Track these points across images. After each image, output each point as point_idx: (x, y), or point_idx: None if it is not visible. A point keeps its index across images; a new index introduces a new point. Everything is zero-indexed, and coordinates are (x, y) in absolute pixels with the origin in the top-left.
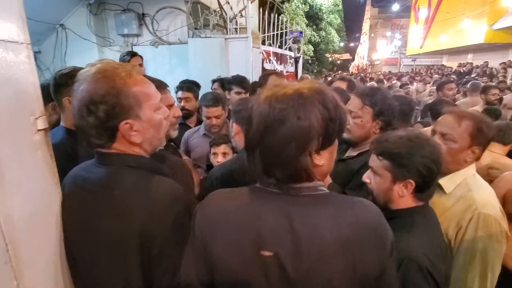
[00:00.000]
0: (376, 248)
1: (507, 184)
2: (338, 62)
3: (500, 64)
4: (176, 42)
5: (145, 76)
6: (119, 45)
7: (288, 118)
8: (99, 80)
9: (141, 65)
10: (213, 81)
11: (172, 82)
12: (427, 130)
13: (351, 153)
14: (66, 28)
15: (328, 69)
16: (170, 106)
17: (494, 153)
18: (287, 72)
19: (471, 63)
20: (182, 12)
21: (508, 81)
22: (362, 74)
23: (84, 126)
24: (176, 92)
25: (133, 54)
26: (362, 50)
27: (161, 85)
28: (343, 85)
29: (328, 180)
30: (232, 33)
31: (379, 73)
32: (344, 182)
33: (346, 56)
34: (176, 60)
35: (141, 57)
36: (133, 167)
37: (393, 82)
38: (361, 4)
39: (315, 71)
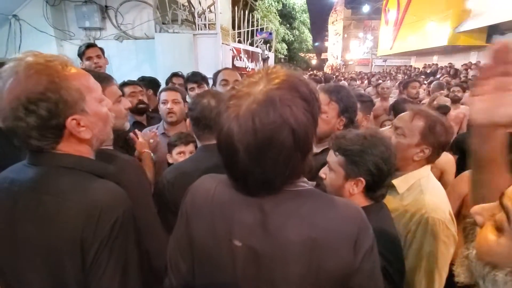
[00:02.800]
0: (345, 255)
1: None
2: (314, 62)
3: (462, 65)
4: (142, 37)
5: (86, 69)
6: (80, 39)
7: (283, 130)
8: (33, 75)
9: (99, 56)
10: (173, 75)
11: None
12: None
13: (315, 150)
14: (20, 19)
15: (303, 68)
16: (119, 98)
17: None
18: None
19: (436, 64)
20: (148, 6)
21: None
22: (336, 74)
23: (22, 128)
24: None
25: (88, 45)
26: (336, 50)
27: (107, 78)
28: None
29: None
30: (201, 29)
31: (353, 73)
32: (308, 178)
33: (324, 55)
34: (142, 55)
35: (101, 49)
36: (70, 168)
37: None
38: (326, 4)
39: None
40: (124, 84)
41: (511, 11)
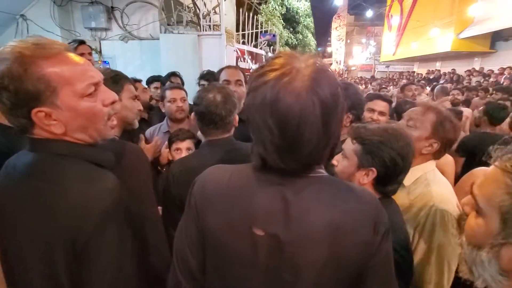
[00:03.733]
0: (364, 242)
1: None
2: None
3: (465, 71)
4: (147, 38)
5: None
6: (86, 39)
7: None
8: (3, 60)
9: (90, 54)
10: (171, 74)
11: (144, 79)
12: None
13: None
14: (28, 19)
15: None
16: (134, 96)
17: None
18: None
19: (439, 70)
20: (154, 7)
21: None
22: (340, 79)
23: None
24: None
25: (80, 42)
26: (339, 55)
27: (126, 77)
28: None
29: None
30: (206, 30)
31: (356, 78)
32: None
33: (326, 60)
34: (147, 56)
35: (90, 47)
36: (63, 156)
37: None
38: (330, 9)
39: None
40: (137, 81)
41: None
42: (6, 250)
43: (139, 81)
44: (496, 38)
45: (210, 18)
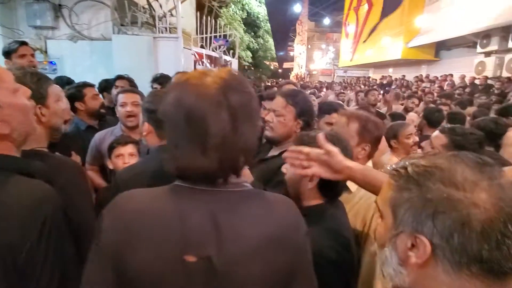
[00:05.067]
0: (294, 247)
1: None
2: (280, 70)
3: (414, 77)
4: (98, 38)
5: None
6: (30, 38)
7: (251, 98)
8: None
9: (33, 55)
10: (118, 78)
11: (94, 81)
12: None
13: (273, 152)
14: None
15: (268, 76)
16: (59, 97)
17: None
18: None
19: (391, 76)
20: (105, 6)
21: (419, 93)
22: (301, 82)
23: None
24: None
25: (22, 43)
26: (301, 60)
27: (47, 77)
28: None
29: (251, 178)
30: (162, 32)
31: (317, 82)
32: (266, 180)
33: (289, 64)
34: (98, 57)
35: (33, 49)
36: None
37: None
38: (289, 15)
39: (252, 77)
40: (87, 85)
41: (455, 29)
42: None
43: (91, 85)
44: (440, 47)
45: (166, 20)
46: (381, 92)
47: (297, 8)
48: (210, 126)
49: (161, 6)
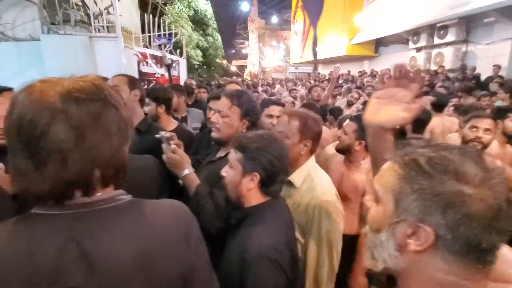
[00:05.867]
0: (179, 257)
1: None
2: (234, 68)
3: (358, 72)
4: (25, 39)
5: None
6: None
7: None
8: None
9: None
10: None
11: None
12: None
13: (220, 154)
14: None
15: (220, 74)
16: None
17: None
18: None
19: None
20: (32, 4)
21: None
22: (255, 80)
23: None
24: None
25: None
26: (254, 58)
27: None
28: (236, 87)
29: (197, 181)
30: (99, 31)
31: (270, 79)
32: (214, 182)
33: (242, 62)
34: (26, 59)
35: None
36: None
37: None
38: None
39: (205, 75)
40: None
41: (391, 27)
42: None
43: (9, 89)
44: (379, 44)
45: (103, 19)
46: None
47: (244, 6)
48: (46, 139)
49: (96, 3)
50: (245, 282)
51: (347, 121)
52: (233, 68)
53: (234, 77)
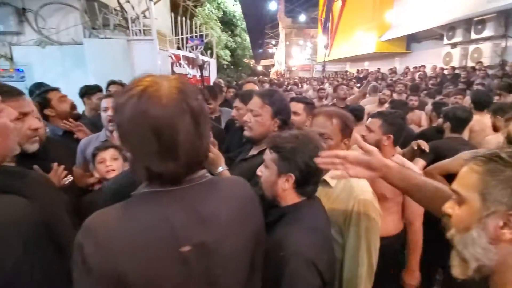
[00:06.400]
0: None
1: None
2: (260, 68)
3: (388, 70)
4: (69, 43)
5: None
6: None
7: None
8: None
9: None
10: (111, 83)
11: (67, 88)
12: None
13: (253, 152)
14: None
15: (248, 74)
16: (24, 115)
17: None
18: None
19: (367, 69)
20: (75, 9)
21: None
22: (280, 79)
23: None
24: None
25: None
26: (280, 56)
27: (12, 92)
28: (254, 87)
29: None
30: (136, 35)
31: (295, 78)
32: (247, 180)
33: (268, 62)
34: (70, 62)
35: None
36: None
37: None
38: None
39: (234, 75)
40: (50, 90)
41: (424, 23)
42: None
43: (55, 89)
44: (411, 40)
45: (140, 22)
46: (358, 85)
47: (272, 5)
48: (179, 134)
49: (133, 7)
50: (281, 280)
51: (369, 119)
52: (259, 68)
53: (261, 77)
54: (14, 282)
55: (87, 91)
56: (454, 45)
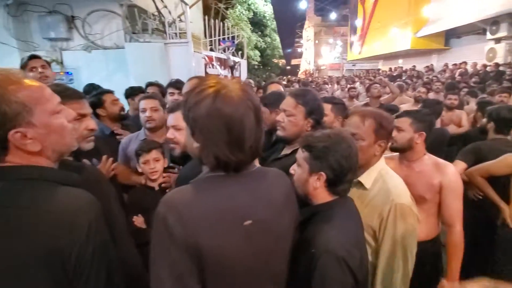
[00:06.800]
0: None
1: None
2: (288, 67)
3: (424, 67)
4: (112, 47)
5: (56, 84)
6: (46, 50)
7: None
8: None
9: (44, 67)
10: (149, 85)
11: (110, 88)
12: None
13: (286, 151)
14: None
15: (277, 74)
16: (82, 116)
17: None
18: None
19: (401, 67)
20: (117, 16)
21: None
22: (309, 78)
23: None
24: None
25: (30, 57)
26: (309, 55)
27: (74, 95)
28: (278, 88)
29: None
30: (172, 38)
31: (325, 77)
32: None
33: (297, 61)
34: (113, 65)
35: (47, 62)
36: (33, 179)
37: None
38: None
39: (264, 75)
40: (105, 92)
41: (465, 17)
42: None
43: (110, 92)
44: (450, 36)
45: (176, 26)
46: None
47: (302, 4)
48: (246, 128)
49: (170, 12)
50: (311, 277)
51: (399, 118)
52: (288, 67)
53: (289, 76)
54: (76, 268)
55: (132, 92)
56: (498, 40)
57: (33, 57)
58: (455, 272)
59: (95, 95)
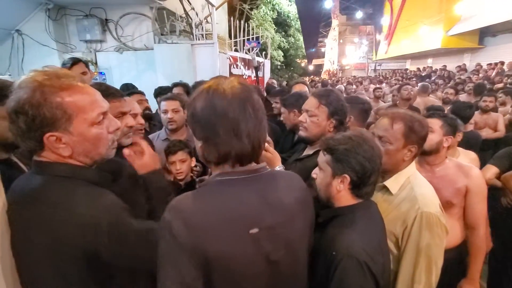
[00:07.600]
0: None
1: None
2: (311, 68)
3: (456, 67)
4: (142, 48)
5: (98, 83)
6: (82, 51)
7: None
8: (25, 88)
9: (85, 73)
10: (174, 85)
11: (140, 88)
12: None
13: (308, 151)
14: (23, 34)
15: (300, 74)
16: (123, 114)
17: None
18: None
19: (431, 67)
20: (147, 18)
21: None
22: (333, 79)
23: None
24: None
25: (74, 62)
26: (333, 55)
27: (116, 93)
28: (303, 88)
29: None
30: (199, 39)
31: (349, 77)
32: (302, 179)
33: (320, 61)
34: (142, 66)
35: (86, 64)
36: (67, 177)
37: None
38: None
39: (286, 76)
40: (131, 93)
41: (501, 14)
42: (21, 269)
43: (138, 92)
44: (484, 34)
45: (202, 27)
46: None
47: (328, 3)
48: (241, 117)
49: (197, 14)
50: (331, 280)
51: (430, 120)
52: (311, 67)
53: (312, 76)
54: (106, 264)
55: (161, 92)
56: None
57: (76, 62)
58: (475, 274)
59: (126, 94)
